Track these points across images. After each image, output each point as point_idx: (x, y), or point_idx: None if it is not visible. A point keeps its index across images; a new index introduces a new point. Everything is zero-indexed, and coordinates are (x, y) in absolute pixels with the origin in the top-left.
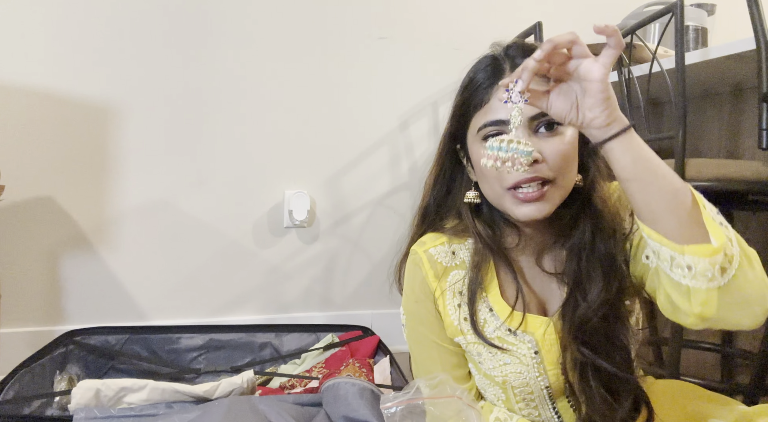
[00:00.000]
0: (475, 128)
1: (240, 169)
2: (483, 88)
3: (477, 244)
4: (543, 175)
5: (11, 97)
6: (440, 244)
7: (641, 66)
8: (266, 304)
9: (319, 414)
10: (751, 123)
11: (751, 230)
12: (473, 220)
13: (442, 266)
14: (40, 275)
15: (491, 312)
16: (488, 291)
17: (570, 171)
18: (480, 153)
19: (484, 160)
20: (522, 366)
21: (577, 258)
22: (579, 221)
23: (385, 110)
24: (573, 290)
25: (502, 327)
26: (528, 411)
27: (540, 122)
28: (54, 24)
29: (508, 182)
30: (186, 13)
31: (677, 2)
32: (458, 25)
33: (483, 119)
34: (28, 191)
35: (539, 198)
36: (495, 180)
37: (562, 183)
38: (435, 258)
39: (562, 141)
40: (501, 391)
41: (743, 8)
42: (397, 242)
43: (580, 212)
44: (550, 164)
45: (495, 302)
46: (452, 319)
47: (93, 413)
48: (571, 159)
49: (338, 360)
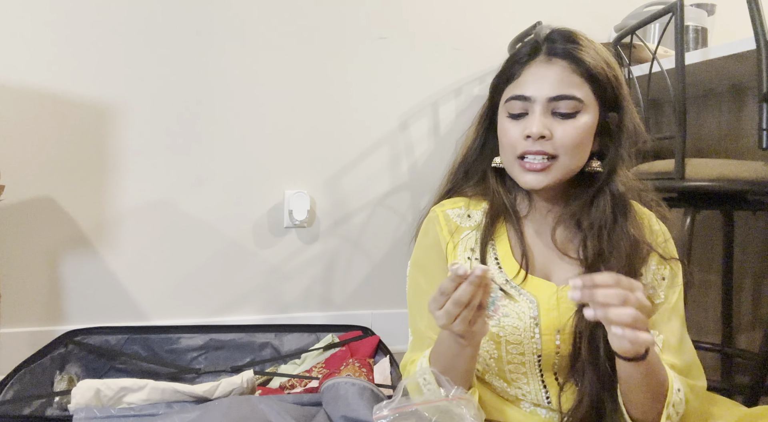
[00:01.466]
0: (504, 98)
1: (240, 169)
2: (518, 63)
3: (494, 200)
4: (546, 150)
5: (11, 97)
6: (457, 207)
7: (641, 66)
8: (266, 304)
9: (319, 413)
10: (751, 123)
11: (751, 230)
12: (495, 180)
13: (456, 225)
14: (40, 275)
15: (498, 267)
16: (498, 247)
17: (577, 154)
18: (503, 121)
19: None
20: (519, 322)
21: (598, 235)
22: (598, 200)
23: (385, 110)
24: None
25: (505, 280)
26: (517, 376)
27: (558, 106)
28: (54, 24)
29: (517, 150)
30: (186, 13)
31: (677, 2)
32: (458, 25)
33: (511, 91)
34: (28, 191)
35: (541, 170)
36: (509, 148)
37: (565, 162)
38: (450, 218)
39: (573, 126)
40: (494, 347)
41: (743, 8)
42: (397, 242)
43: (599, 192)
44: (556, 143)
45: (503, 257)
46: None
47: (93, 413)
48: (578, 143)
49: (338, 360)
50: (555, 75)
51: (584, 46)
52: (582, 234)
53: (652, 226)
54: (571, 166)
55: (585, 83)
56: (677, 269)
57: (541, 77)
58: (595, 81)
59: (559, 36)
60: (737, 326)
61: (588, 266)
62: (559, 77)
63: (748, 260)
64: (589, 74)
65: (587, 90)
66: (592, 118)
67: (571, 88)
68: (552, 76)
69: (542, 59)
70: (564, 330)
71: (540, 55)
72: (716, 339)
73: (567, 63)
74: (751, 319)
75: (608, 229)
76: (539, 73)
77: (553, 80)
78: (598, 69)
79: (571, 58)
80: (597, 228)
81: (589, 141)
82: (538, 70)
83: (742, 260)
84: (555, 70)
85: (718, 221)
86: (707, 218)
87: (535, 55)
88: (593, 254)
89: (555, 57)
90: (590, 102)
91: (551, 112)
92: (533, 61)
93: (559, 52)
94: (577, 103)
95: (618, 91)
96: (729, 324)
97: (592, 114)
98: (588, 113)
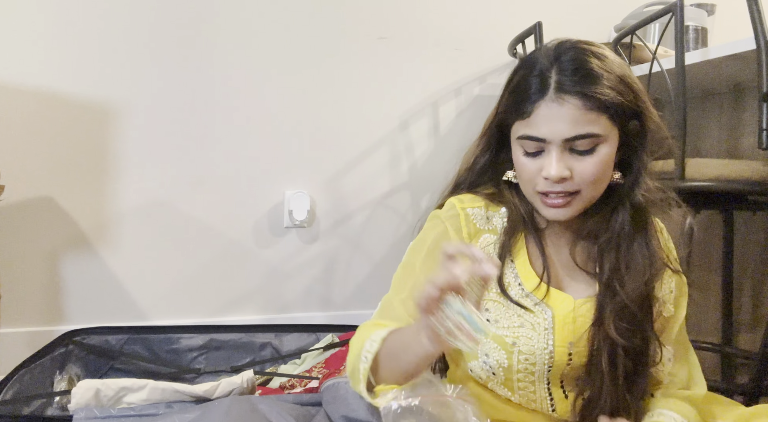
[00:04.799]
0: (515, 133)
1: (240, 169)
2: (527, 99)
3: (511, 213)
4: (567, 189)
5: (11, 97)
6: (478, 207)
7: (641, 66)
8: (266, 304)
9: (319, 413)
10: (751, 123)
11: (751, 230)
12: (510, 193)
13: (476, 228)
14: (40, 275)
15: (516, 278)
16: (516, 258)
17: (598, 185)
18: (517, 153)
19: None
20: (533, 333)
21: (616, 249)
22: (617, 213)
23: (385, 110)
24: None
25: (524, 293)
26: (525, 384)
27: (575, 144)
28: (54, 24)
29: (537, 187)
30: (186, 13)
31: (677, 2)
32: (458, 25)
33: (523, 130)
34: (28, 191)
35: (564, 205)
36: (527, 182)
37: (588, 194)
38: (471, 218)
39: (594, 162)
40: (506, 356)
41: (743, 8)
42: (397, 242)
43: (619, 204)
44: (577, 181)
45: (522, 268)
46: None
47: (93, 413)
48: (600, 175)
49: (338, 360)
50: (569, 115)
51: (597, 76)
52: (599, 247)
53: (666, 240)
54: (594, 195)
55: (602, 115)
56: (683, 280)
57: (553, 118)
58: (612, 109)
59: (569, 65)
60: (737, 326)
61: (604, 281)
62: (573, 117)
63: (748, 260)
64: (605, 107)
65: (605, 121)
66: (612, 145)
67: (587, 126)
68: (565, 116)
69: (552, 98)
70: (579, 343)
71: (549, 93)
72: (716, 339)
73: (580, 102)
74: (751, 319)
75: (626, 243)
76: (551, 114)
77: (568, 120)
78: (615, 100)
79: (584, 96)
80: (615, 242)
81: (611, 167)
82: (549, 111)
83: (742, 260)
84: (568, 110)
85: (718, 221)
86: (707, 218)
87: (545, 91)
88: (610, 268)
89: (566, 95)
90: (609, 130)
91: (569, 149)
92: (543, 99)
93: (570, 91)
94: (594, 138)
95: (637, 103)
96: (729, 324)
97: (612, 141)
98: (608, 143)
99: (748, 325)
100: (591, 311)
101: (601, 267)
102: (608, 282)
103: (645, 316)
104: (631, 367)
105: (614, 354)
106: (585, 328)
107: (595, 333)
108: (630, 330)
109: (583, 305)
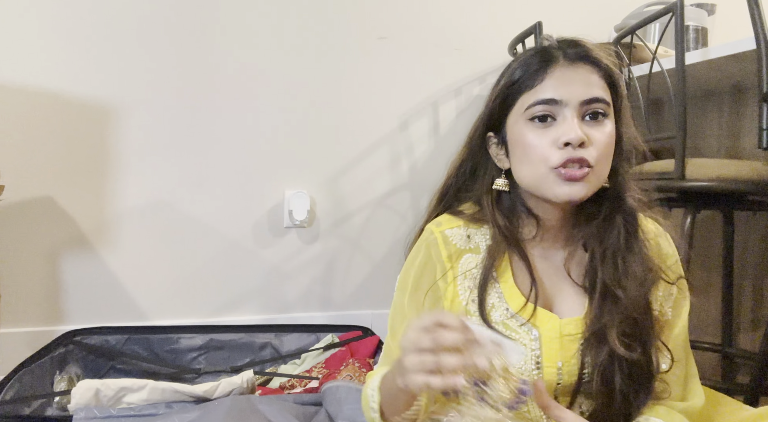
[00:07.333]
0: (522, 107)
1: (240, 169)
2: (534, 70)
3: (493, 232)
4: (589, 157)
5: (11, 97)
6: (456, 226)
7: (641, 66)
8: (266, 304)
9: (319, 413)
10: (751, 123)
11: (751, 230)
12: (493, 208)
13: (456, 248)
14: (40, 275)
15: (500, 299)
16: (501, 279)
17: (606, 163)
18: (523, 133)
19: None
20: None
21: (612, 263)
22: (610, 221)
23: (385, 110)
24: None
25: (509, 314)
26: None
27: (590, 108)
28: (54, 24)
29: (552, 161)
30: (186, 14)
31: (677, 2)
32: (458, 25)
33: (533, 98)
34: (28, 191)
35: (581, 178)
36: (539, 162)
37: (599, 173)
38: (450, 240)
39: (604, 132)
40: None
41: (743, 8)
42: (397, 242)
43: (613, 211)
44: (594, 148)
45: (506, 290)
46: (461, 300)
47: (93, 413)
48: (609, 151)
49: (338, 360)
50: (583, 77)
51: (598, 54)
52: (591, 259)
53: (660, 247)
54: (601, 178)
55: (607, 90)
56: (684, 285)
57: (568, 80)
58: (613, 87)
59: (569, 43)
60: (737, 326)
61: (600, 294)
62: (587, 80)
63: (748, 260)
64: (610, 81)
65: (609, 96)
66: (613, 126)
67: (600, 91)
68: (580, 78)
69: (564, 64)
70: (568, 361)
71: (560, 60)
72: (716, 339)
73: (590, 66)
74: (751, 319)
75: (622, 255)
76: (566, 76)
77: (583, 82)
78: (615, 74)
79: (593, 61)
80: (611, 255)
81: (613, 149)
82: (563, 74)
83: (742, 260)
84: (582, 73)
85: (718, 221)
86: (707, 218)
87: (554, 60)
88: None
89: (578, 61)
90: (610, 109)
91: (581, 117)
92: (553, 65)
93: (580, 56)
94: (606, 106)
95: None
96: (729, 324)
97: (612, 122)
98: (611, 121)
99: (748, 325)
100: (579, 329)
101: (597, 280)
102: (607, 294)
103: (648, 324)
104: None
105: (609, 372)
106: (573, 347)
107: (584, 351)
108: (633, 340)
109: (568, 325)
